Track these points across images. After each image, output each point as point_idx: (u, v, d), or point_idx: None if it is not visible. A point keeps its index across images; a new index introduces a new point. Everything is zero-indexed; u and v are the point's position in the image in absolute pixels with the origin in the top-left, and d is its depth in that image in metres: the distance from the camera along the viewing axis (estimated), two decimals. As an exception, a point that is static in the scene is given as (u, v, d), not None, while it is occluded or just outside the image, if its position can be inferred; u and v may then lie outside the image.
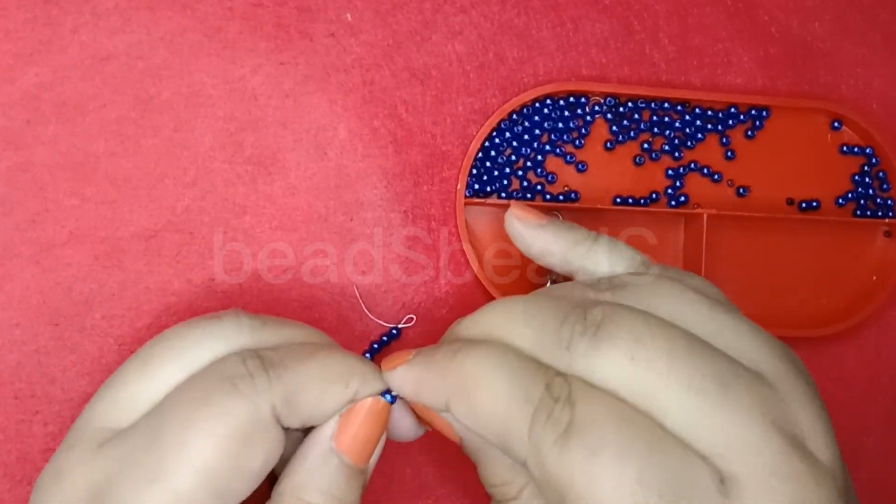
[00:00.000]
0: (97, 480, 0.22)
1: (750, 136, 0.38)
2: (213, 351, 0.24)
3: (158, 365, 0.23)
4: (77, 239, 0.34)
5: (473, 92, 0.37)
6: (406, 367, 0.24)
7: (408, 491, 0.36)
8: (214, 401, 0.22)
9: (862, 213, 0.38)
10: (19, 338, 0.33)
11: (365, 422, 0.24)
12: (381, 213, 0.36)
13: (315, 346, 0.24)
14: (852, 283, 0.39)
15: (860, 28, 0.39)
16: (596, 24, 0.37)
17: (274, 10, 0.35)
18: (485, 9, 0.37)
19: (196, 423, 0.21)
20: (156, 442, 0.21)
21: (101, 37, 0.34)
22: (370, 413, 0.24)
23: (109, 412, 0.23)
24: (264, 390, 0.22)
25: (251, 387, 0.22)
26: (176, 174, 0.35)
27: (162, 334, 0.25)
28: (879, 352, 0.39)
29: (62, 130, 0.34)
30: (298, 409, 0.23)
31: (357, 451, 0.24)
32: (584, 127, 0.37)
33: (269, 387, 0.22)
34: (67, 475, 0.22)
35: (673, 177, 0.38)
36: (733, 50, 0.38)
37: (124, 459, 0.22)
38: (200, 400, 0.22)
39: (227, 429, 0.21)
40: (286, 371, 0.23)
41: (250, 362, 0.23)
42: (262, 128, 0.35)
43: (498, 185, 0.37)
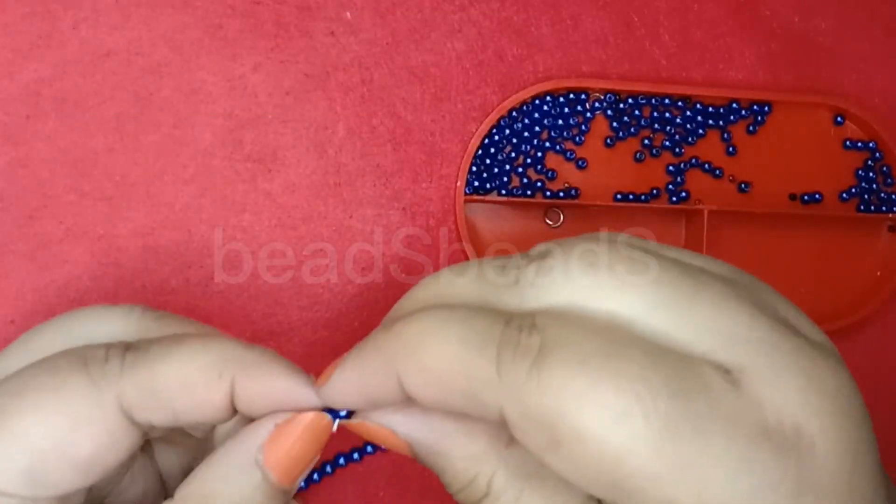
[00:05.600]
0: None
1: (752, 131, 0.38)
2: (95, 335, 0.22)
3: (38, 340, 0.22)
4: (74, 235, 0.33)
5: (473, 89, 0.36)
6: (340, 368, 0.20)
7: (409, 491, 0.35)
8: (56, 373, 0.20)
9: (866, 208, 0.38)
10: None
11: (302, 438, 0.21)
12: (380, 211, 0.36)
13: (189, 334, 0.21)
14: (856, 278, 0.38)
15: (862, 23, 0.39)
16: (595, 20, 0.37)
17: (274, 8, 0.35)
18: (484, 6, 0.37)
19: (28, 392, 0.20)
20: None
21: (100, 33, 0.34)
22: (310, 429, 0.21)
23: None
24: (114, 374, 0.20)
25: (99, 369, 0.20)
26: (175, 171, 0.34)
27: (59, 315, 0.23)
28: (884, 347, 0.38)
29: (61, 126, 0.34)
30: (160, 401, 0.20)
31: (286, 469, 0.21)
32: (584, 123, 0.37)
33: (121, 371, 0.20)
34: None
35: (674, 173, 0.37)
36: (734, 45, 0.38)
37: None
38: (45, 372, 0.20)
39: (56, 405, 0.19)
40: (146, 357, 0.20)
41: (113, 348, 0.20)
42: (262, 125, 0.35)
43: (498, 182, 0.36)
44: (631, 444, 0.16)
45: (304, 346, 0.35)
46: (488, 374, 0.18)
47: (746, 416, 0.17)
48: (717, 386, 0.17)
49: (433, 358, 0.18)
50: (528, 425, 0.17)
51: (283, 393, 0.20)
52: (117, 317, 0.22)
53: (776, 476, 0.16)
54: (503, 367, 0.17)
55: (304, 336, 0.35)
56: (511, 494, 0.19)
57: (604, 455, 0.16)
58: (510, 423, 0.18)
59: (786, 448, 0.17)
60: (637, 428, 0.16)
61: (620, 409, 0.16)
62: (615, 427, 0.16)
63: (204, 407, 0.20)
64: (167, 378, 0.20)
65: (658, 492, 0.16)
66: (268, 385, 0.20)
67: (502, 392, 0.17)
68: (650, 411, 0.16)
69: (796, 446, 0.17)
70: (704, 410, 0.17)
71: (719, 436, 0.16)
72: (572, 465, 0.17)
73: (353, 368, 0.20)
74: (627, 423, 0.16)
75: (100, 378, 0.20)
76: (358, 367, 0.20)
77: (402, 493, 0.35)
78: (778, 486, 0.16)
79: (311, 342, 0.35)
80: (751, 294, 0.19)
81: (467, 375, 0.18)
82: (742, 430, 0.17)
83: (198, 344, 0.20)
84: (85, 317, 0.22)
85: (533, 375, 0.17)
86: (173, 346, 0.20)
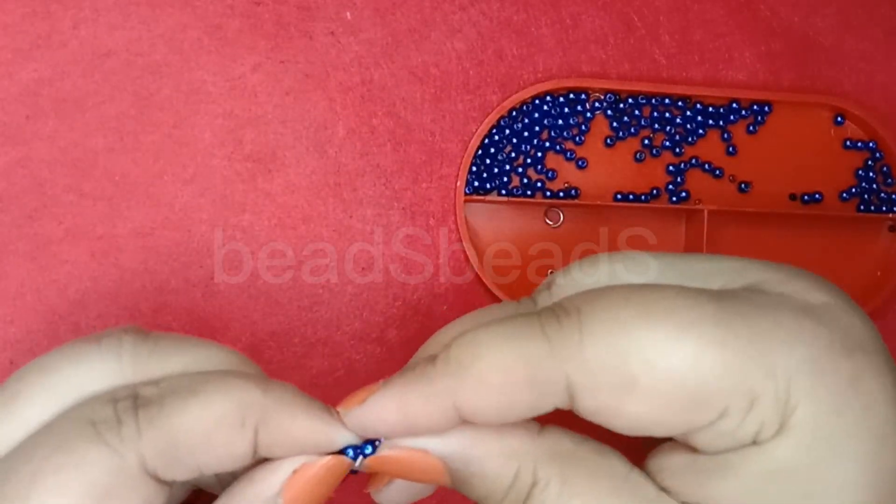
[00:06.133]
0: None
1: (752, 131, 0.38)
2: (86, 386, 0.20)
3: (24, 402, 0.20)
4: (74, 236, 0.33)
5: (473, 89, 0.36)
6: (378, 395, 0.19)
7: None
8: (70, 448, 0.18)
9: (866, 208, 0.38)
10: (13, 336, 0.33)
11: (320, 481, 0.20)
12: (380, 211, 0.36)
13: (203, 377, 0.20)
14: (856, 278, 0.38)
15: (862, 22, 0.39)
16: (595, 20, 0.37)
17: (274, 8, 0.35)
18: (484, 6, 0.37)
19: (45, 474, 0.18)
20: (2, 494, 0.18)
21: (100, 33, 0.34)
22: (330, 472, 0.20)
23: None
24: (131, 439, 0.18)
25: (116, 434, 0.18)
26: (175, 171, 0.34)
27: (34, 362, 0.20)
28: (886, 347, 0.39)
29: (61, 126, 0.34)
30: (182, 459, 0.19)
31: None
32: (584, 123, 0.37)
33: (138, 434, 0.18)
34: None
35: (674, 173, 0.37)
36: (734, 45, 0.38)
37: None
38: (55, 447, 0.18)
39: (81, 483, 0.18)
40: (161, 413, 0.19)
41: (121, 404, 0.19)
42: (262, 125, 0.35)
43: (498, 182, 0.36)
44: (696, 350, 0.18)
45: (304, 346, 0.35)
46: (543, 351, 0.18)
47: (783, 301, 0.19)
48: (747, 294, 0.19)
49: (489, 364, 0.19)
50: (597, 379, 0.18)
51: (307, 438, 0.20)
52: (108, 359, 0.20)
53: (826, 339, 0.18)
54: (553, 338, 0.19)
55: (304, 336, 0.35)
56: (557, 478, 0.20)
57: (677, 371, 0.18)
58: (578, 388, 0.19)
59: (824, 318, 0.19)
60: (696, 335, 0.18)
61: (676, 325, 0.18)
62: (677, 341, 0.18)
63: (229, 458, 0.19)
64: (189, 435, 0.19)
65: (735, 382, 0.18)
66: (292, 430, 0.20)
67: (562, 361, 0.18)
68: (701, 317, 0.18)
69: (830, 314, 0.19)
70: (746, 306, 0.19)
71: (766, 319, 0.18)
72: (651, 399, 0.18)
73: (395, 396, 0.19)
74: (687, 334, 0.18)
75: (118, 445, 0.18)
76: (401, 395, 0.19)
77: (402, 493, 0.35)
78: (830, 347, 0.18)
79: (311, 342, 0.35)
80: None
81: (525, 362, 0.19)
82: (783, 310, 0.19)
83: (216, 392, 0.19)
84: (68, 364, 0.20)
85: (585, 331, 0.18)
86: (190, 399, 0.19)
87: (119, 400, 0.19)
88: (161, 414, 0.19)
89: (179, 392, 0.19)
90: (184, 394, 0.19)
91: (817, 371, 0.18)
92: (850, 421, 0.18)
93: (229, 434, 0.19)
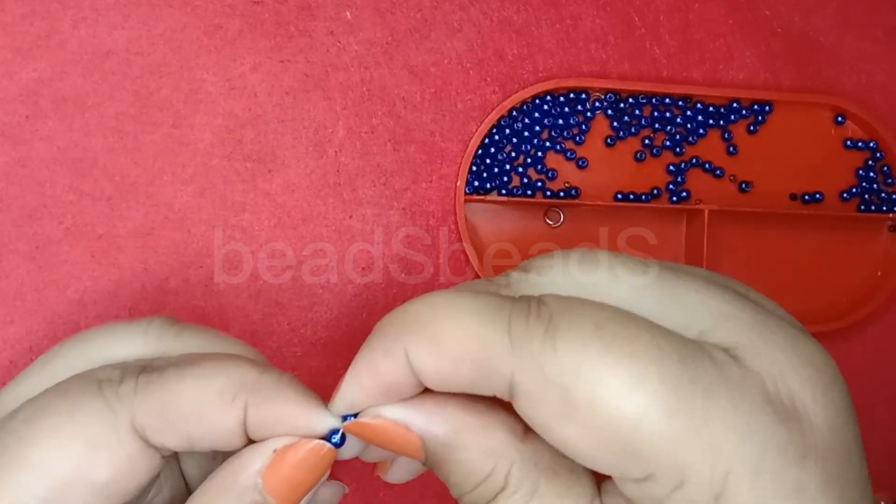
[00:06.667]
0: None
1: (752, 131, 0.38)
2: (113, 355, 0.21)
3: (57, 362, 0.22)
4: (73, 235, 0.33)
5: (473, 89, 0.36)
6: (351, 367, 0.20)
7: (410, 491, 0.35)
8: (71, 398, 0.19)
9: (866, 208, 0.38)
10: (13, 335, 0.33)
11: (301, 465, 0.20)
12: (380, 211, 0.36)
13: (205, 355, 0.21)
14: (857, 278, 0.38)
15: (862, 23, 0.39)
16: (596, 19, 0.37)
17: (274, 7, 0.35)
18: (484, 6, 0.37)
19: (43, 416, 0.19)
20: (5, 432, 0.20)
21: (100, 33, 0.34)
22: (309, 456, 0.20)
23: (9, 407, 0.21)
24: (127, 396, 0.19)
25: (113, 391, 0.19)
26: (174, 171, 0.34)
27: (76, 334, 0.22)
28: (884, 347, 0.38)
29: (60, 126, 0.33)
30: (172, 424, 0.20)
31: (285, 494, 0.20)
32: (584, 123, 0.37)
33: (134, 394, 0.19)
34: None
35: (674, 172, 0.37)
36: (735, 45, 0.38)
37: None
38: (59, 395, 0.20)
39: (71, 427, 0.19)
40: (159, 379, 0.20)
41: (128, 369, 0.20)
42: (262, 125, 0.35)
43: (498, 182, 0.36)
44: (646, 406, 0.17)
45: (304, 346, 0.35)
46: (501, 342, 0.18)
47: (750, 385, 0.18)
48: (720, 357, 0.18)
49: (444, 328, 0.18)
50: (541, 391, 0.18)
51: (291, 418, 0.20)
52: (135, 335, 0.22)
53: (782, 439, 0.17)
54: (515, 334, 0.18)
55: (304, 336, 0.35)
56: (527, 488, 0.19)
57: (619, 417, 0.17)
58: (521, 391, 0.18)
59: (787, 414, 0.17)
60: (651, 391, 0.17)
61: (636, 372, 0.17)
62: (631, 389, 0.17)
63: (216, 431, 0.20)
64: (180, 401, 0.19)
65: (671, 453, 0.17)
66: (278, 410, 0.20)
67: (515, 359, 0.18)
68: (663, 374, 0.17)
69: (795, 413, 0.18)
70: (712, 376, 0.17)
71: (727, 400, 0.17)
72: (585, 431, 0.17)
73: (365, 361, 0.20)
74: (643, 386, 0.17)
75: (114, 400, 0.19)
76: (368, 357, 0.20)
77: (402, 493, 0.35)
78: (785, 448, 0.17)
79: (311, 342, 0.35)
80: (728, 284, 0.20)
81: (480, 343, 0.18)
82: (747, 396, 0.17)
83: (213, 367, 0.20)
84: (102, 336, 0.22)
85: (547, 341, 0.18)
86: (187, 369, 0.20)
87: (128, 367, 0.20)
88: (159, 380, 0.20)
89: (181, 363, 0.20)
90: (184, 364, 0.20)
91: (761, 471, 0.17)
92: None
93: (218, 407, 0.20)
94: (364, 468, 0.35)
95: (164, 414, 0.19)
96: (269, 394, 0.20)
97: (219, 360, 0.20)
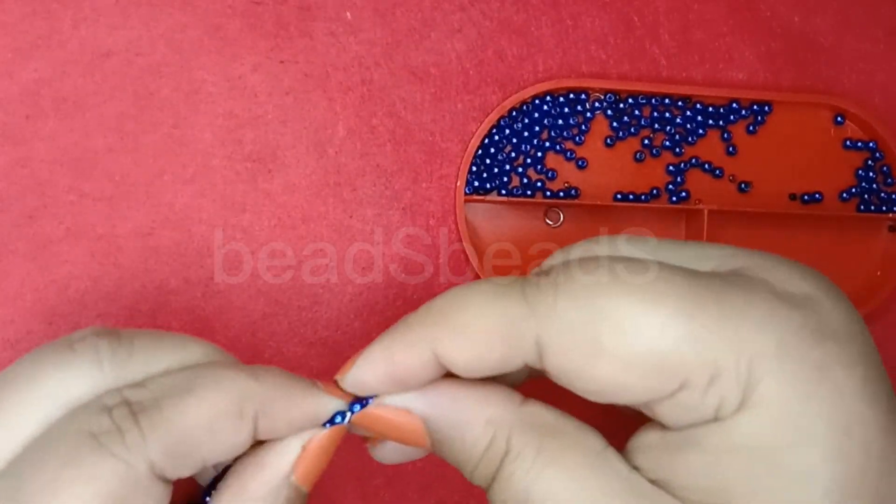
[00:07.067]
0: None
1: (752, 131, 0.38)
2: (70, 393, 0.20)
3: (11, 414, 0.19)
4: (74, 236, 0.33)
5: (473, 89, 0.36)
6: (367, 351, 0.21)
7: (409, 491, 0.35)
8: (79, 463, 0.18)
9: (866, 207, 0.38)
10: (13, 335, 0.33)
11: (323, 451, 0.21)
12: (380, 211, 0.36)
13: (193, 374, 0.20)
14: (856, 278, 0.38)
15: (862, 23, 0.39)
16: (595, 20, 0.37)
17: (274, 8, 0.35)
18: (484, 6, 0.37)
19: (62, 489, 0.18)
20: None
21: (100, 32, 0.34)
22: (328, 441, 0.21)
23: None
24: (137, 446, 0.19)
25: (121, 444, 0.18)
26: (175, 171, 0.34)
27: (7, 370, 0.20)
28: (884, 347, 0.38)
29: (61, 126, 0.34)
30: (187, 457, 0.19)
31: (311, 478, 0.21)
32: (584, 123, 0.37)
33: (144, 441, 0.19)
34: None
35: (674, 173, 0.37)
36: (735, 45, 0.38)
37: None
38: (64, 462, 0.18)
39: (95, 496, 0.18)
40: (161, 417, 0.19)
41: (117, 412, 0.19)
42: (262, 125, 0.35)
43: (498, 182, 0.36)
44: (667, 318, 0.18)
45: (304, 346, 0.35)
46: (520, 310, 0.19)
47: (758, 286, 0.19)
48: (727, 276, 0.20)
49: (466, 316, 0.20)
50: (568, 340, 0.19)
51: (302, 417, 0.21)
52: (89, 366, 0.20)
53: (797, 321, 0.19)
54: (532, 298, 0.19)
55: (304, 336, 0.35)
56: (530, 450, 0.20)
57: (646, 337, 0.18)
58: (548, 348, 0.19)
59: (799, 304, 0.19)
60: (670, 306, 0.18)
61: (652, 295, 0.18)
62: (650, 310, 0.18)
63: (231, 448, 0.20)
64: (192, 433, 0.19)
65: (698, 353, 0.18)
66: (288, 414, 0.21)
67: (536, 319, 0.19)
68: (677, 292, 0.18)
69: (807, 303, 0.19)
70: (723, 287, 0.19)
71: (739, 298, 0.19)
72: (617, 363, 0.19)
73: (382, 349, 0.21)
74: (661, 304, 0.18)
75: (125, 454, 0.19)
76: (387, 347, 0.21)
77: (402, 493, 0.35)
78: (801, 329, 0.18)
79: (311, 342, 0.35)
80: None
81: (501, 318, 0.19)
82: (757, 293, 0.19)
83: (210, 390, 0.20)
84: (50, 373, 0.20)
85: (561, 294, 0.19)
86: (187, 398, 0.19)
87: (112, 408, 0.19)
88: (162, 417, 0.19)
89: (174, 392, 0.20)
90: (180, 393, 0.20)
91: (783, 354, 0.18)
92: (815, 408, 0.18)
93: (230, 426, 0.20)
94: (364, 468, 0.35)
95: (178, 450, 0.19)
96: (273, 400, 0.20)
97: (211, 379, 0.20)
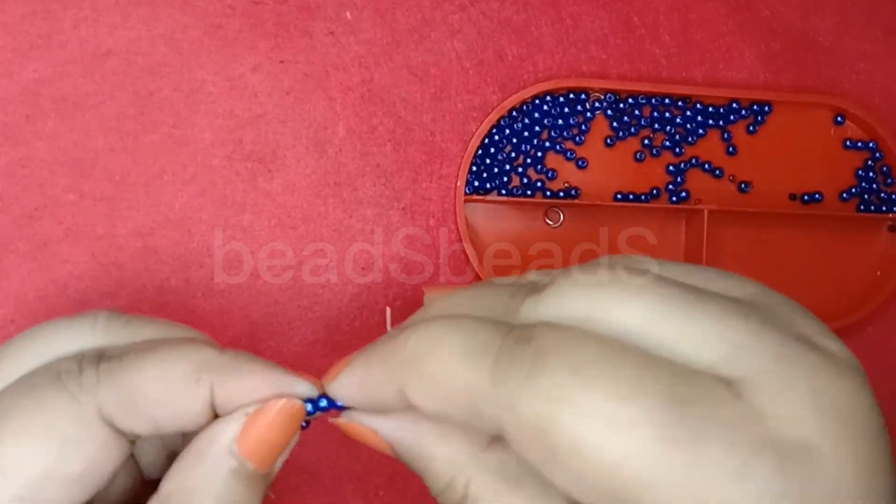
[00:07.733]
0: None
1: (752, 131, 0.38)
2: (63, 349, 0.21)
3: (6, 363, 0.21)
4: (74, 235, 0.33)
5: (473, 89, 0.36)
6: (348, 369, 0.21)
7: (409, 491, 0.35)
8: (34, 394, 0.19)
9: (866, 208, 0.38)
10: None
11: (274, 425, 0.21)
12: (380, 211, 0.36)
13: (163, 340, 0.21)
14: (856, 278, 0.38)
15: (862, 23, 0.39)
16: (595, 20, 0.37)
17: (274, 7, 0.35)
18: (484, 6, 0.37)
19: (11, 415, 0.19)
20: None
21: (100, 33, 0.34)
22: (281, 415, 0.21)
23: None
24: (91, 386, 0.20)
25: (76, 383, 0.20)
26: (175, 171, 0.34)
27: (20, 334, 0.22)
28: (884, 347, 0.38)
29: (61, 126, 0.34)
30: (139, 410, 0.20)
31: (262, 455, 0.21)
32: (584, 123, 0.37)
33: (97, 383, 0.20)
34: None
35: (674, 173, 0.37)
36: (734, 45, 0.38)
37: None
38: (21, 393, 0.20)
39: (42, 425, 0.19)
40: (120, 366, 0.20)
41: (87, 359, 0.20)
42: (262, 125, 0.35)
43: (498, 182, 0.36)
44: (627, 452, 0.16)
45: (304, 346, 0.35)
46: (486, 386, 0.17)
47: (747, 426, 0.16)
48: (717, 395, 0.16)
49: (435, 370, 0.18)
50: (523, 436, 0.17)
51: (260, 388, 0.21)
52: (83, 328, 0.22)
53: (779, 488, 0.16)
54: (499, 377, 0.17)
55: (304, 336, 0.35)
56: (487, 499, 0.19)
57: (600, 463, 0.16)
58: (508, 435, 0.17)
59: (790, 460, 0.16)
60: (633, 434, 0.16)
61: (615, 415, 0.16)
62: (610, 434, 0.16)
63: (183, 414, 0.20)
64: (145, 387, 0.20)
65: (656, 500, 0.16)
66: (245, 384, 0.20)
67: (499, 402, 0.17)
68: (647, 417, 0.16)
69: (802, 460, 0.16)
70: (703, 417, 0.16)
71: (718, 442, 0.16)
72: (570, 476, 0.17)
73: (358, 374, 0.20)
74: (623, 430, 0.16)
75: (78, 392, 0.19)
76: (362, 374, 0.20)
77: (402, 493, 0.35)
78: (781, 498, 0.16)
79: (311, 342, 0.35)
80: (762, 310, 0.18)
81: (467, 389, 0.18)
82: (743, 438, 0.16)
83: (172, 351, 0.20)
84: (50, 332, 0.22)
85: (526, 385, 0.17)
86: (148, 355, 0.20)
87: (85, 357, 0.20)
88: (120, 366, 0.20)
89: (140, 350, 0.20)
90: (143, 351, 0.20)
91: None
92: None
93: (184, 389, 0.20)
94: (364, 468, 0.35)
95: (130, 401, 0.20)
96: (232, 370, 0.20)
97: (178, 344, 0.21)
